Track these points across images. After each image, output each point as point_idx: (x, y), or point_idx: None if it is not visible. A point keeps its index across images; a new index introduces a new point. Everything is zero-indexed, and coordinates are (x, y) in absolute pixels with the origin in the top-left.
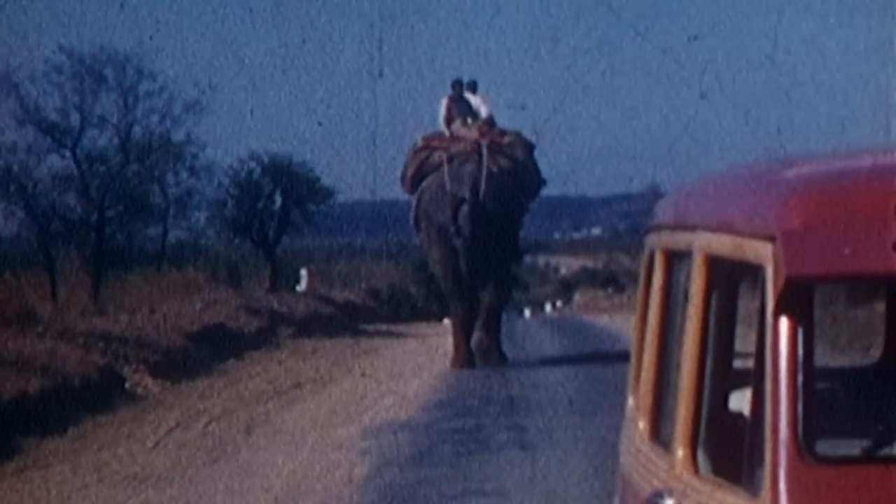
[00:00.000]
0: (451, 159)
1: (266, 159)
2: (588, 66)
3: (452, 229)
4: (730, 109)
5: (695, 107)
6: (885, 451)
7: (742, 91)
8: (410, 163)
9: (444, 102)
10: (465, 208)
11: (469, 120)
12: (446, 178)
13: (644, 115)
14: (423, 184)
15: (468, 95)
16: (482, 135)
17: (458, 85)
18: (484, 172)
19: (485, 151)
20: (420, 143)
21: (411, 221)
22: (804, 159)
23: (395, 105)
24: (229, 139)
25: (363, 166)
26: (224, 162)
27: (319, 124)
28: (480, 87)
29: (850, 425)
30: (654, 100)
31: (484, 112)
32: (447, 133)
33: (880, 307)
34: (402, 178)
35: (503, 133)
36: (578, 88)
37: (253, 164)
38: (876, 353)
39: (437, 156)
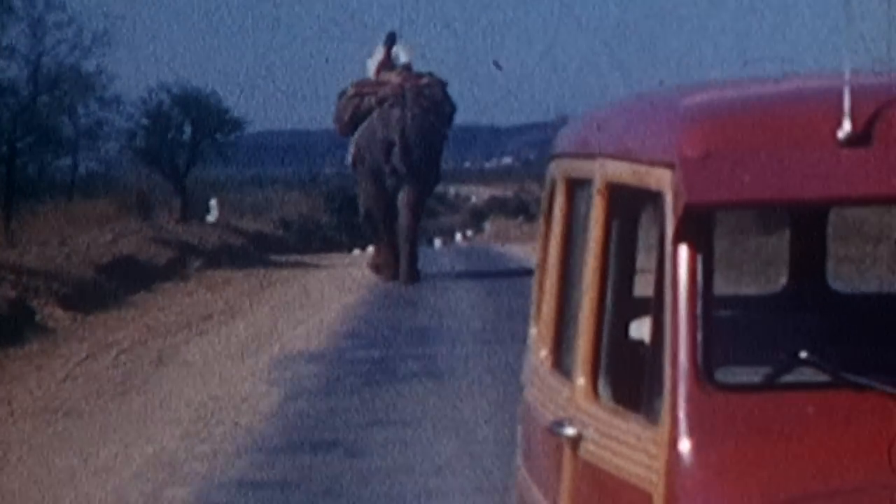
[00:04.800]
0: (380, 103)
1: (176, 90)
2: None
3: (387, 169)
4: (646, 37)
5: (608, 35)
6: (784, 379)
7: (658, 19)
8: (345, 108)
9: (379, 54)
10: (396, 150)
11: (393, 65)
12: (376, 122)
13: (556, 44)
14: (359, 128)
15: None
16: (404, 80)
17: (392, 37)
18: (409, 115)
19: (408, 95)
20: (351, 91)
21: (348, 162)
22: (706, 86)
23: (305, 36)
24: (139, 70)
25: (273, 97)
26: (134, 93)
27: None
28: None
29: (753, 353)
30: (566, 29)
31: (403, 58)
32: (374, 79)
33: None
34: (338, 123)
35: (420, 76)
36: (489, 18)
37: (163, 95)
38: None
39: (367, 101)
